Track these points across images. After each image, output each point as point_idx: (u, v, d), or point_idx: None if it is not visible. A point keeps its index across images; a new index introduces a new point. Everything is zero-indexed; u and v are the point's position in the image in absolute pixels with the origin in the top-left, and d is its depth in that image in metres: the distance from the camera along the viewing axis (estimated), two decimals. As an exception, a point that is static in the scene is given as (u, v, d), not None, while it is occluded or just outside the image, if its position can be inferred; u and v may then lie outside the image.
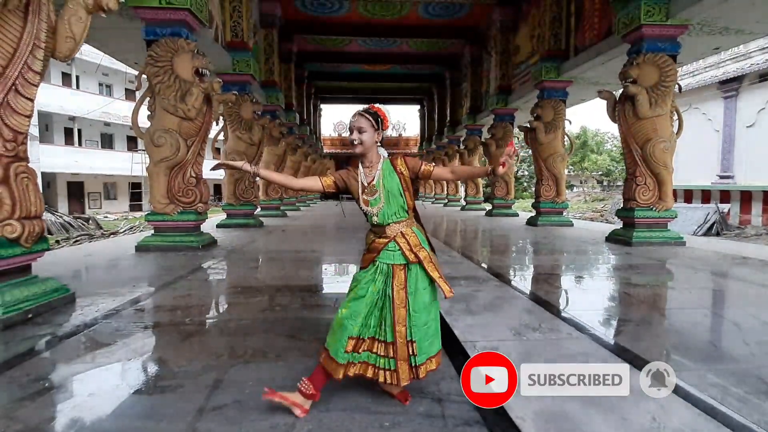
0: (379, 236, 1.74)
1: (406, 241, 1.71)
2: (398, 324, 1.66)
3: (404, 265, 1.71)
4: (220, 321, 2.91)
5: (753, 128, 14.33)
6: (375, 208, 1.72)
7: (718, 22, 5.83)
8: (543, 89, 9.16)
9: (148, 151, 5.53)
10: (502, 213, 11.91)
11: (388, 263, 1.71)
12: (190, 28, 5.72)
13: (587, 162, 33.59)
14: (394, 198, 1.72)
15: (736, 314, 3.08)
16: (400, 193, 1.73)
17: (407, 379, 1.64)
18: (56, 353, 2.25)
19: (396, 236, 1.72)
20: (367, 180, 1.74)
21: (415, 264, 1.71)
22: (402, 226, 1.74)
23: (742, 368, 2.03)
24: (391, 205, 1.72)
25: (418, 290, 1.70)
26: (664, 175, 6.07)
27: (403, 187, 1.74)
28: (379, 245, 1.72)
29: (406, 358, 1.65)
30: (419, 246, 1.73)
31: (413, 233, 1.75)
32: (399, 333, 1.66)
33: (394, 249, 1.71)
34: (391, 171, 1.74)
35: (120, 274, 4.32)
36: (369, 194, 1.72)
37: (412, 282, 1.70)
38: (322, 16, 13.14)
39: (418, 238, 1.75)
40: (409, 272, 1.71)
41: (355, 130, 1.72)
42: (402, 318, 1.67)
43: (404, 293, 1.69)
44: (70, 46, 2.90)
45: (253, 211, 9.04)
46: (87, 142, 24.44)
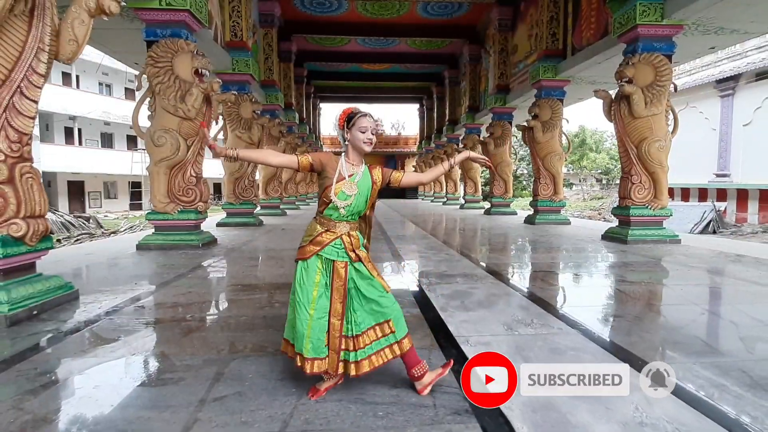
0: (327, 230, 1.81)
1: (350, 241, 1.80)
2: (333, 317, 1.75)
3: (345, 263, 1.79)
4: (221, 317, 2.98)
5: (749, 127, 14.41)
6: (343, 202, 1.78)
7: (713, 22, 5.89)
8: (541, 88, 9.23)
9: (149, 151, 5.59)
10: (500, 211, 11.98)
11: (331, 258, 1.78)
12: (189, 29, 5.78)
13: (586, 160, 33.66)
14: (359, 201, 1.81)
15: (728, 311, 3.15)
16: (366, 199, 1.84)
17: (334, 369, 1.73)
18: (61, 348, 2.32)
19: (343, 234, 1.80)
20: (347, 173, 1.81)
21: (357, 262, 1.80)
22: (350, 228, 1.83)
23: (728, 362, 2.09)
24: (355, 206, 1.81)
25: (369, 280, 1.79)
26: (659, 173, 6.14)
27: (371, 194, 1.85)
28: (324, 239, 1.79)
29: (337, 349, 1.74)
30: (359, 247, 1.83)
31: (356, 236, 1.85)
32: (333, 326, 1.75)
33: (340, 246, 1.79)
34: (368, 177, 1.84)
35: (121, 272, 4.39)
36: (347, 188, 1.78)
37: (359, 275, 1.79)
38: (320, 16, 13.18)
39: (359, 241, 1.86)
40: (352, 268, 1.79)
41: (376, 132, 1.82)
42: (338, 312, 1.76)
43: (343, 290, 1.77)
44: (73, 49, 2.96)
45: (252, 210, 9.11)
46: (87, 141, 24.50)
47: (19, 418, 1.60)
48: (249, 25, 8.87)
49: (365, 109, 1.85)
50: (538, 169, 9.40)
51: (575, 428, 1.51)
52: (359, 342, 1.75)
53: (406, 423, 1.55)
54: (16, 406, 1.68)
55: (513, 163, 12.72)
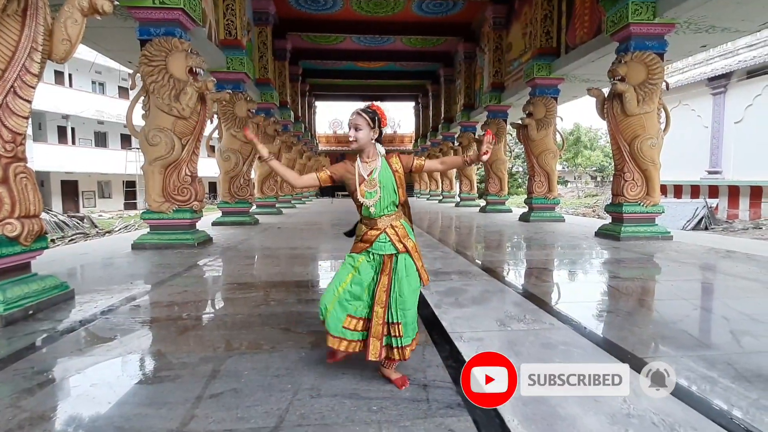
0: (370, 228, 1.87)
1: (396, 233, 1.86)
2: (377, 305, 1.82)
3: (392, 255, 1.86)
4: (217, 316, 3.00)
5: (740, 124, 14.56)
6: (371, 200, 1.84)
7: (704, 20, 5.95)
8: (535, 86, 9.27)
9: (143, 150, 5.57)
10: (495, 209, 12.04)
11: (380, 253, 1.86)
12: (183, 28, 5.76)
13: (580, 158, 33.82)
14: (387, 193, 1.85)
15: (717, 306, 3.20)
16: (394, 189, 1.87)
17: (376, 356, 1.78)
18: (58, 348, 2.33)
19: (386, 228, 1.86)
20: (365, 172, 1.86)
21: (403, 253, 1.86)
22: (392, 219, 1.88)
23: (716, 355, 2.14)
24: (385, 199, 1.85)
25: (407, 276, 1.84)
26: (651, 171, 6.20)
27: (398, 183, 1.88)
28: (371, 237, 1.86)
29: (379, 336, 1.80)
30: (407, 237, 1.89)
31: (401, 225, 1.90)
32: (377, 313, 1.81)
33: (385, 240, 1.86)
34: (387, 168, 1.87)
35: (117, 271, 4.38)
36: (368, 186, 1.84)
37: (400, 269, 1.84)
38: (315, 14, 13.15)
39: (405, 229, 1.90)
40: (397, 260, 1.86)
41: (352, 127, 1.85)
42: (382, 301, 1.82)
43: (387, 279, 1.84)
44: (66, 48, 2.96)
45: (248, 209, 9.10)
46: (81, 140, 24.31)
47: (17, 416, 1.61)
48: (243, 23, 8.84)
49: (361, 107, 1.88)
50: (533, 167, 9.46)
51: (564, 420, 1.55)
52: (399, 329, 1.81)
53: (399, 417, 1.58)
54: (14, 404, 1.69)
55: (508, 160, 12.78)
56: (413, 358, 2.05)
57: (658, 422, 1.53)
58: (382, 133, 1.90)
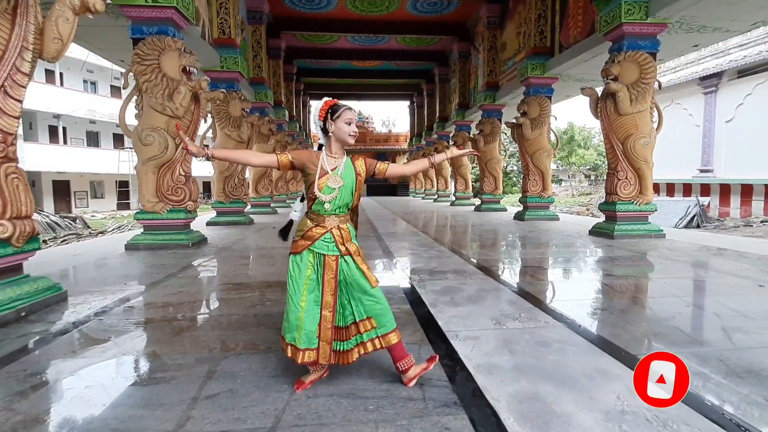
0: (317, 224, 1.83)
1: (341, 235, 1.83)
2: (325, 309, 1.80)
3: (336, 256, 1.82)
4: (212, 316, 2.98)
5: (732, 123, 14.72)
6: (328, 196, 1.80)
7: (696, 20, 6.01)
8: (529, 86, 9.32)
9: (137, 150, 5.53)
10: (490, 208, 12.08)
11: (321, 253, 1.82)
12: (176, 26, 5.72)
13: (574, 157, 34.01)
14: (345, 193, 1.83)
15: (709, 302, 3.24)
16: (352, 191, 1.85)
17: (326, 359, 1.78)
18: (51, 350, 2.31)
19: (333, 228, 1.83)
20: (330, 167, 1.82)
21: (347, 256, 1.82)
22: (340, 221, 1.85)
23: (708, 351, 2.17)
24: (341, 199, 1.82)
25: (357, 277, 1.81)
26: (644, 169, 6.26)
27: (356, 186, 1.86)
28: (315, 234, 1.82)
29: (328, 340, 1.79)
30: (350, 241, 1.86)
31: (347, 229, 1.87)
32: (325, 318, 1.79)
33: (330, 240, 1.82)
34: (350, 168, 1.85)
35: (110, 272, 4.35)
36: (332, 182, 1.80)
37: (349, 270, 1.82)
38: (309, 13, 13.10)
39: (350, 234, 1.88)
40: (343, 261, 1.82)
41: (353, 123, 1.84)
42: (329, 304, 1.80)
43: (333, 282, 1.81)
44: (57, 47, 2.93)
45: (243, 209, 9.06)
46: (72, 140, 24.05)
47: (10, 419, 1.60)
48: (237, 22, 8.80)
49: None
50: (527, 166, 9.50)
51: (559, 417, 1.56)
52: (350, 332, 1.81)
53: (396, 416, 1.59)
54: (7, 407, 1.68)
55: (503, 159, 12.82)
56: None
57: (652, 418, 1.55)
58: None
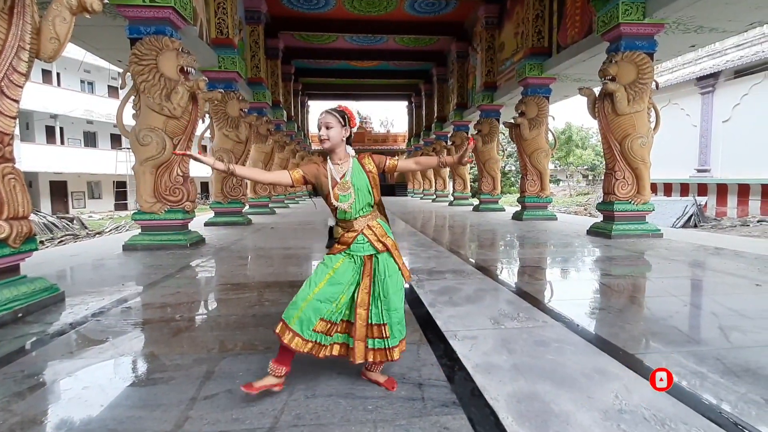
0: (347, 230, 1.84)
1: (374, 233, 1.83)
2: (360, 307, 1.79)
3: (372, 255, 1.84)
4: (210, 317, 2.98)
5: (728, 123, 14.79)
6: (346, 204, 1.81)
7: (692, 20, 6.04)
8: (527, 86, 9.33)
9: (134, 150, 5.52)
10: (489, 208, 12.10)
11: (359, 255, 1.83)
12: (174, 26, 5.71)
13: (572, 157, 34.11)
14: (362, 195, 1.83)
15: (707, 302, 3.25)
16: (369, 190, 1.85)
17: (362, 357, 1.77)
18: (48, 351, 2.30)
19: (363, 229, 1.83)
20: (338, 175, 1.83)
21: (383, 252, 1.83)
22: (368, 219, 1.85)
23: (705, 350, 2.18)
24: (360, 201, 1.83)
25: (390, 276, 1.82)
26: (641, 169, 6.27)
27: (371, 184, 1.86)
28: (348, 239, 1.83)
29: (363, 338, 1.78)
30: (385, 235, 1.86)
31: (378, 225, 1.87)
32: (360, 316, 1.79)
33: (363, 241, 1.83)
34: (359, 169, 1.85)
35: (108, 273, 4.34)
36: (342, 189, 1.81)
37: (381, 269, 1.82)
38: (307, 13, 13.10)
39: (383, 228, 1.87)
40: (377, 260, 1.83)
41: (323, 126, 1.81)
42: (364, 302, 1.80)
43: (368, 281, 1.82)
44: (54, 47, 2.92)
45: (241, 209, 9.05)
46: (69, 140, 23.98)
47: (7, 420, 1.59)
48: (235, 22, 8.78)
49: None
50: (525, 166, 9.52)
51: (558, 417, 1.56)
52: (373, 332, 1.79)
53: (395, 416, 1.59)
54: (5, 408, 1.67)
55: (501, 159, 12.84)
56: (408, 358, 2.06)
57: (650, 417, 1.55)
58: (352, 134, 1.89)
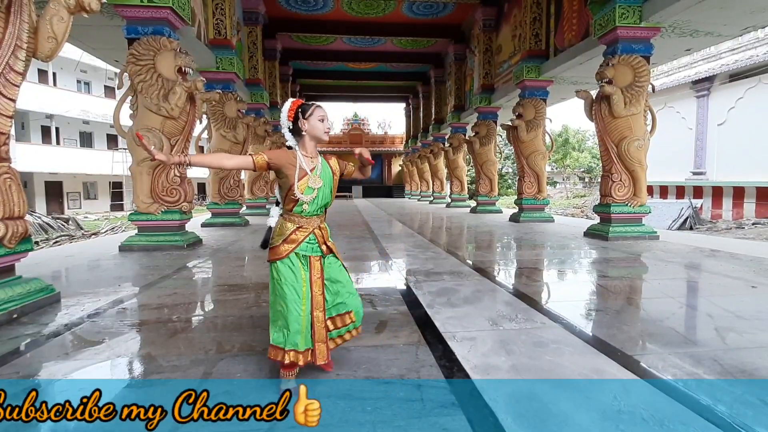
0: (299, 227, 1.81)
1: (322, 234, 1.86)
2: (316, 310, 1.80)
3: (319, 257, 1.85)
4: (207, 318, 2.96)
5: (723, 126, 14.89)
6: (308, 197, 1.78)
7: (688, 25, 6.08)
8: (524, 88, 9.37)
9: (131, 151, 5.50)
10: (486, 210, 12.12)
11: (307, 254, 1.82)
12: (172, 27, 5.69)
13: (569, 159, 34.26)
14: (324, 194, 1.83)
15: (703, 303, 3.27)
16: (330, 190, 1.86)
17: (324, 359, 1.80)
18: (44, 352, 2.28)
19: (315, 229, 1.84)
20: (308, 167, 1.80)
21: (329, 255, 1.88)
22: (320, 221, 1.87)
23: (701, 351, 2.19)
24: (321, 199, 1.82)
25: (340, 270, 1.89)
26: (638, 172, 6.31)
27: (334, 186, 1.88)
28: (298, 237, 1.80)
29: (324, 340, 1.81)
30: (328, 239, 1.90)
31: (326, 227, 1.91)
32: (317, 318, 1.80)
33: (314, 242, 1.83)
34: (327, 168, 1.87)
35: (104, 274, 4.31)
36: (313, 182, 1.79)
37: (329, 269, 1.87)
38: (305, 14, 13.11)
39: (328, 231, 1.92)
40: (325, 261, 1.87)
41: (326, 119, 1.85)
42: (320, 304, 1.81)
43: (321, 282, 1.83)
44: (51, 47, 2.90)
45: (238, 210, 9.02)
46: (65, 140, 23.83)
47: (1, 422, 1.57)
48: (233, 22, 8.78)
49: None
50: (523, 168, 9.55)
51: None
52: (332, 325, 1.86)
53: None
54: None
55: (498, 161, 12.88)
56: (407, 359, 2.06)
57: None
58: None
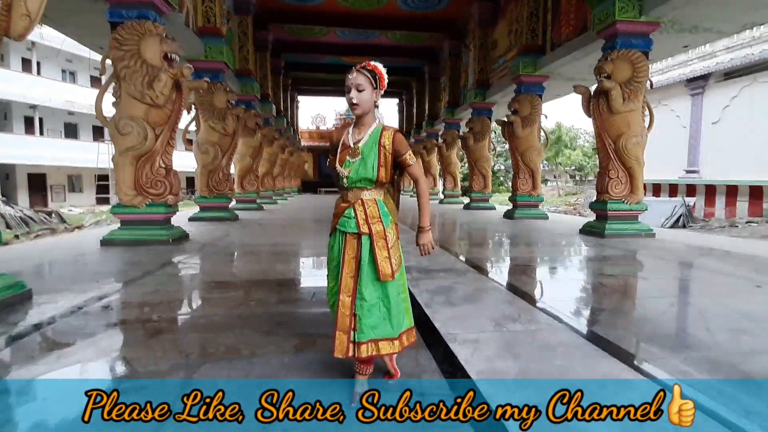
0: (342, 200, 1.68)
1: (363, 210, 1.62)
2: (343, 293, 1.59)
3: (357, 235, 1.62)
4: (191, 317, 2.78)
5: (718, 125, 14.99)
6: (347, 170, 1.62)
7: (688, 20, 6.00)
8: (520, 84, 9.25)
9: (114, 140, 5.25)
10: (479, 206, 12.03)
11: (342, 230, 1.64)
12: (158, 11, 5.43)
13: (561, 157, 34.39)
14: (364, 165, 1.61)
15: (701, 302, 3.19)
16: (373, 165, 1.62)
17: (342, 352, 1.57)
18: (11, 354, 2.09)
19: (355, 203, 1.64)
20: (353, 140, 1.66)
21: (365, 235, 1.61)
22: (365, 194, 1.64)
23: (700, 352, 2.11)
24: (360, 172, 1.62)
25: (368, 264, 1.60)
26: (635, 168, 6.23)
27: (380, 161, 1.62)
28: (339, 210, 1.67)
29: (346, 329, 1.58)
30: (377, 219, 1.62)
31: (375, 204, 1.65)
32: (343, 303, 1.59)
33: (350, 216, 1.63)
34: (376, 140, 1.64)
35: (83, 269, 4.09)
36: (351, 155, 1.63)
37: (363, 255, 1.61)
38: (298, 5, 12.82)
39: (378, 210, 1.64)
40: (362, 243, 1.62)
41: (354, 88, 1.60)
42: (348, 288, 1.60)
43: (355, 263, 1.62)
44: (25, 25, 2.68)
45: (227, 204, 8.78)
46: (49, 131, 23.18)
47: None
48: (223, 11, 8.49)
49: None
50: (517, 164, 9.45)
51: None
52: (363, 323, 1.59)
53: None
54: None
55: (491, 158, 12.77)
56: (406, 364, 1.91)
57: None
58: (379, 97, 1.67)
